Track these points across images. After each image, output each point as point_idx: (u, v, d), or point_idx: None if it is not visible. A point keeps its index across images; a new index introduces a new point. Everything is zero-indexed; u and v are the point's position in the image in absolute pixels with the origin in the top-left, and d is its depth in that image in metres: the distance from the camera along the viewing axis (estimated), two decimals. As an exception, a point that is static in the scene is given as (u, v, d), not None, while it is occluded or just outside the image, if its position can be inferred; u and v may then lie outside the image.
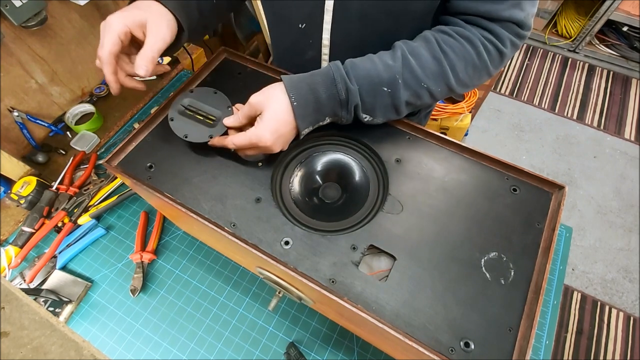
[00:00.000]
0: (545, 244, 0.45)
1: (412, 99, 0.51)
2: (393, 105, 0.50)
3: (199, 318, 0.69)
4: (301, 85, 0.48)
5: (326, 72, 0.48)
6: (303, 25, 0.61)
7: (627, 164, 1.98)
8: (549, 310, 0.70)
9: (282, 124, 0.47)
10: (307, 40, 0.62)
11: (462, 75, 0.51)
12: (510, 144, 2.06)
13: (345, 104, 0.49)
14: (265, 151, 0.49)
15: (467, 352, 0.39)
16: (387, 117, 0.52)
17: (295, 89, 0.47)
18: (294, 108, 0.47)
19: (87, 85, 0.99)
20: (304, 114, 0.48)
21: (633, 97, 2.25)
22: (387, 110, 0.51)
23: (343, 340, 0.66)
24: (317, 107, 0.48)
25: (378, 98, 0.49)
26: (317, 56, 0.64)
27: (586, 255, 1.70)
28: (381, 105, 0.50)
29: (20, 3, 0.70)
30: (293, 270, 0.43)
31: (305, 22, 0.60)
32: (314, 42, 0.62)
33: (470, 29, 0.51)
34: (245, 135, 0.48)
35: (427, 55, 0.50)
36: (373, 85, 0.48)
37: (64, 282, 0.72)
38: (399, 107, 0.51)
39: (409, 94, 0.50)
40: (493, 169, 0.51)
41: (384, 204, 0.48)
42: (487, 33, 0.51)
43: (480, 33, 0.51)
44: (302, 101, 0.47)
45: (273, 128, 0.47)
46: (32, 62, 0.84)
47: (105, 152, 0.92)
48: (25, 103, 0.87)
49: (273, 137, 0.47)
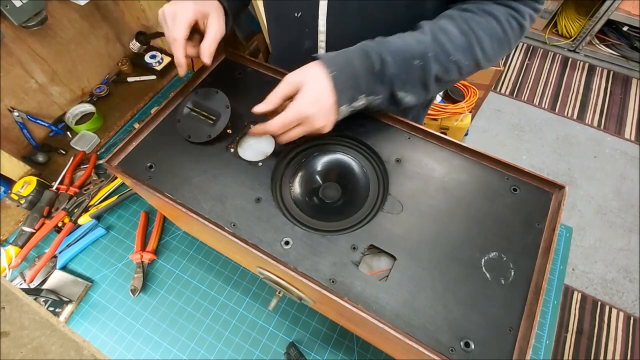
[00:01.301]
0: (545, 244, 0.45)
1: (441, 73, 0.51)
2: (423, 80, 0.51)
3: (199, 318, 0.69)
4: (338, 59, 0.48)
5: (359, 47, 0.49)
6: (299, 14, 0.61)
7: (627, 164, 1.98)
8: (549, 310, 0.70)
9: (322, 95, 0.47)
10: (304, 29, 0.63)
11: (489, 50, 0.52)
12: (510, 144, 2.06)
13: (380, 77, 0.49)
14: (310, 128, 0.48)
15: (467, 352, 0.39)
16: (418, 96, 0.52)
17: (333, 63, 0.47)
18: (333, 79, 0.47)
19: (87, 85, 0.99)
20: (342, 87, 0.47)
21: (633, 97, 2.25)
22: (417, 86, 0.51)
23: (343, 340, 0.66)
24: (354, 81, 0.48)
25: (410, 72, 0.49)
26: (314, 46, 0.65)
27: (586, 255, 1.70)
28: (413, 80, 0.50)
29: (20, 3, 0.70)
30: (293, 270, 0.43)
31: (301, 10, 0.61)
32: (310, 31, 0.63)
33: (492, 5, 0.52)
34: (286, 111, 0.47)
35: (454, 30, 0.50)
36: (405, 59, 0.49)
37: (64, 282, 0.72)
38: (428, 82, 0.51)
39: (438, 68, 0.50)
40: (493, 169, 0.51)
41: (384, 204, 0.48)
42: (509, 9, 0.52)
43: (503, 9, 0.52)
44: (340, 74, 0.47)
45: (314, 98, 0.46)
46: (32, 62, 0.84)
47: (106, 152, 0.92)
48: (26, 103, 0.87)
49: (315, 107, 0.46)
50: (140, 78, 1.04)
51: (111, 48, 1.01)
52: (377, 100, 0.51)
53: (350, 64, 0.48)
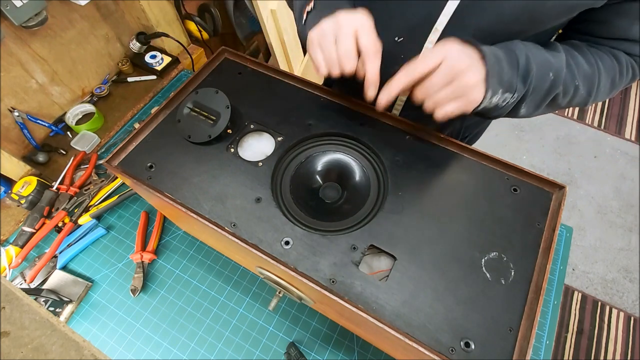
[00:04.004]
0: (545, 244, 0.44)
1: (561, 94, 0.49)
2: (546, 94, 0.48)
3: (199, 318, 0.69)
4: (484, 46, 0.44)
5: (499, 45, 0.46)
6: (400, 39, 0.54)
7: (628, 163, 1.98)
8: (549, 310, 0.70)
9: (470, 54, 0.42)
10: (398, 55, 0.55)
11: (603, 87, 0.51)
12: (511, 144, 2.06)
13: (524, 73, 0.45)
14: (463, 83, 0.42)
15: (467, 352, 0.39)
16: (527, 108, 0.50)
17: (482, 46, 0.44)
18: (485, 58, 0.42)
19: (87, 85, 0.99)
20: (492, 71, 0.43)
21: (633, 97, 2.25)
22: (537, 98, 0.48)
23: (343, 340, 0.66)
24: (499, 69, 0.44)
25: (543, 81, 0.46)
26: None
27: (586, 255, 1.70)
28: (539, 90, 0.47)
29: (20, 3, 0.70)
30: (293, 270, 0.43)
31: (405, 36, 0.54)
32: (406, 58, 0.53)
33: (617, 50, 0.51)
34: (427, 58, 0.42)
35: (581, 58, 0.49)
36: (543, 67, 0.46)
37: (64, 282, 0.72)
38: (547, 98, 0.48)
39: (562, 88, 0.48)
40: (493, 169, 0.51)
41: (384, 204, 0.48)
42: (630, 57, 0.52)
43: (626, 56, 0.51)
44: (490, 57, 0.43)
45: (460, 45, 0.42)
46: (33, 62, 0.84)
47: (106, 152, 0.92)
48: (26, 103, 0.87)
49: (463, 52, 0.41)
50: (140, 78, 1.04)
51: (111, 48, 1.01)
52: (507, 101, 0.47)
53: (494, 53, 0.44)
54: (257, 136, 0.56)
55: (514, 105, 0.48)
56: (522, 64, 0.44)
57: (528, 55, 0.45)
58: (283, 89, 0.60)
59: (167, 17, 1.05)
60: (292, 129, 0.55)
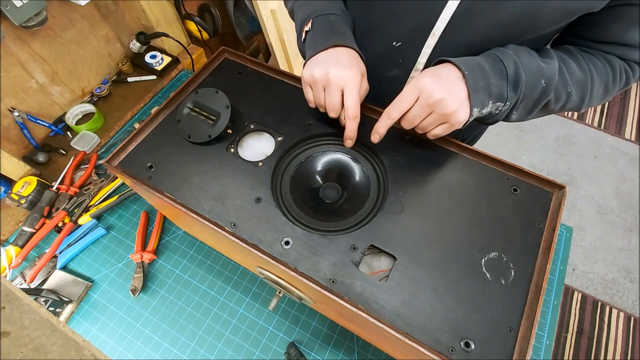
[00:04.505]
0: (545, 244, 0.45)
1: (553, 100, 0.49)
2: (537, 100, 0.49)
3: (200, 318, 0.69)
4: (468, 61, 0.46)
5: (487, 54, 0.47)
6: (398, 44, 0.55)
7: (628, 164, 1.98)
8: (549, 310, 0.70)
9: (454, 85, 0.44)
10: (397, 59, 0.57)
11: (596, 93, 0.51)
12: (511, 144, 2.06)
13: (512, 79, 0.46)
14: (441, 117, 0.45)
15: (467, 352, 0.39)
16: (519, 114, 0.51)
17: (464, 63, 0.45)
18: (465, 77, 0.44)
19: (87, 85, 0.99)
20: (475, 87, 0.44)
21: (633, 97, 2.24)
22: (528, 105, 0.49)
23: (343, 340, 0.66)
24: (485, 82, 0.45)
25: (534, 88, 0.47)
26: (402, 77, 0.59)
27: (586, 255, 1.70)
28: (530, 97, 0.48)
29: (20, 3, 0.70)
30: (293, 270, 0.43)
31: (402, 41, 0.55)
32: (404, 62, 0.57)
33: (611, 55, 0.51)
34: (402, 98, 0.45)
35: (574, 64, 0.49)
36: (535, 74, 0.46)
37: (64, 282, 0.72)
38: (538, 104, 0.49)
39: (554, 95, 0.49)
40: (493, 169, 0.51)
41: (384, 204, 0.48)
42: (624, 62, 0.52)
43: (619, 61, 0.51)
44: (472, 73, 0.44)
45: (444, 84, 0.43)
46: (33, 62, 0.84)
47: (106, 152, 0.92)
48: (26, 103, 0.87)
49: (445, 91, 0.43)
50: (140, 78, 1.04)
51: (111, 48, 1.01)
52: (500, 109, 0.48)
53: (480, 66, 0.45)
54: (257, 136, 0.56)
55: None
56: (510, 73, 0.45)
57: (517, 63, 0.46)
58: (283, 89, 0.60)
59: (167, 17, 1.05)
60: (292, 129, 0.55)
